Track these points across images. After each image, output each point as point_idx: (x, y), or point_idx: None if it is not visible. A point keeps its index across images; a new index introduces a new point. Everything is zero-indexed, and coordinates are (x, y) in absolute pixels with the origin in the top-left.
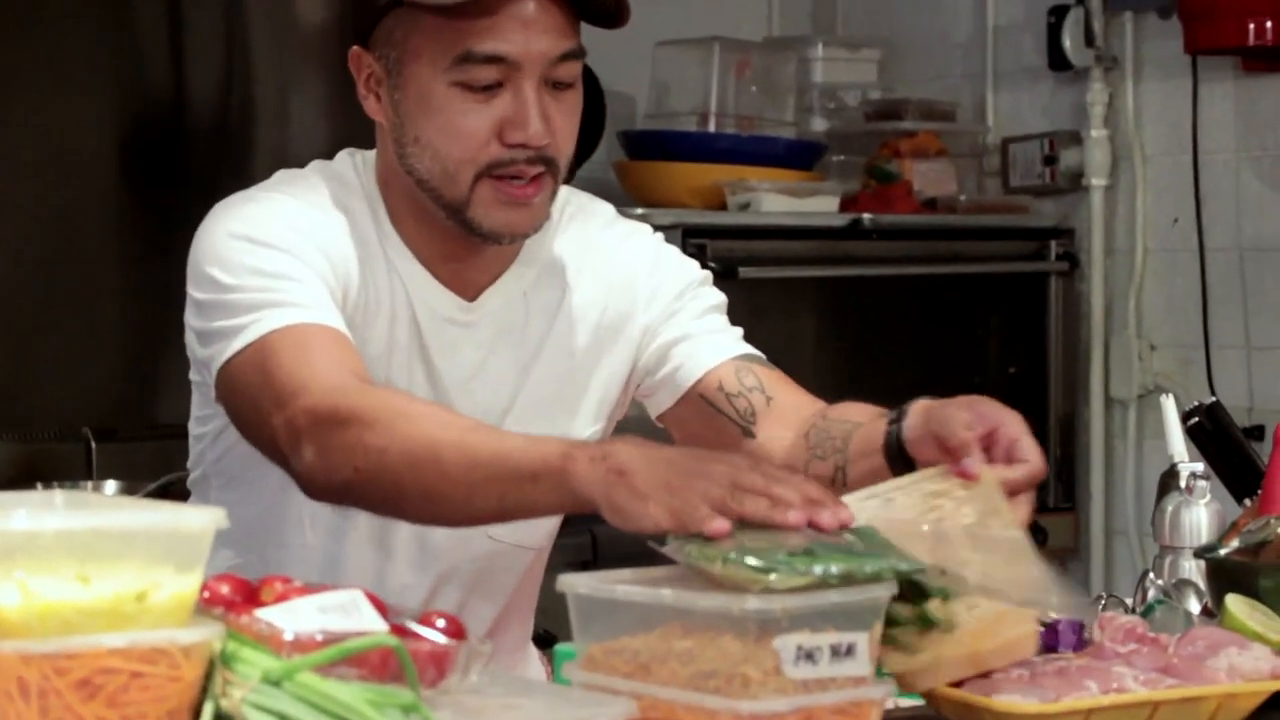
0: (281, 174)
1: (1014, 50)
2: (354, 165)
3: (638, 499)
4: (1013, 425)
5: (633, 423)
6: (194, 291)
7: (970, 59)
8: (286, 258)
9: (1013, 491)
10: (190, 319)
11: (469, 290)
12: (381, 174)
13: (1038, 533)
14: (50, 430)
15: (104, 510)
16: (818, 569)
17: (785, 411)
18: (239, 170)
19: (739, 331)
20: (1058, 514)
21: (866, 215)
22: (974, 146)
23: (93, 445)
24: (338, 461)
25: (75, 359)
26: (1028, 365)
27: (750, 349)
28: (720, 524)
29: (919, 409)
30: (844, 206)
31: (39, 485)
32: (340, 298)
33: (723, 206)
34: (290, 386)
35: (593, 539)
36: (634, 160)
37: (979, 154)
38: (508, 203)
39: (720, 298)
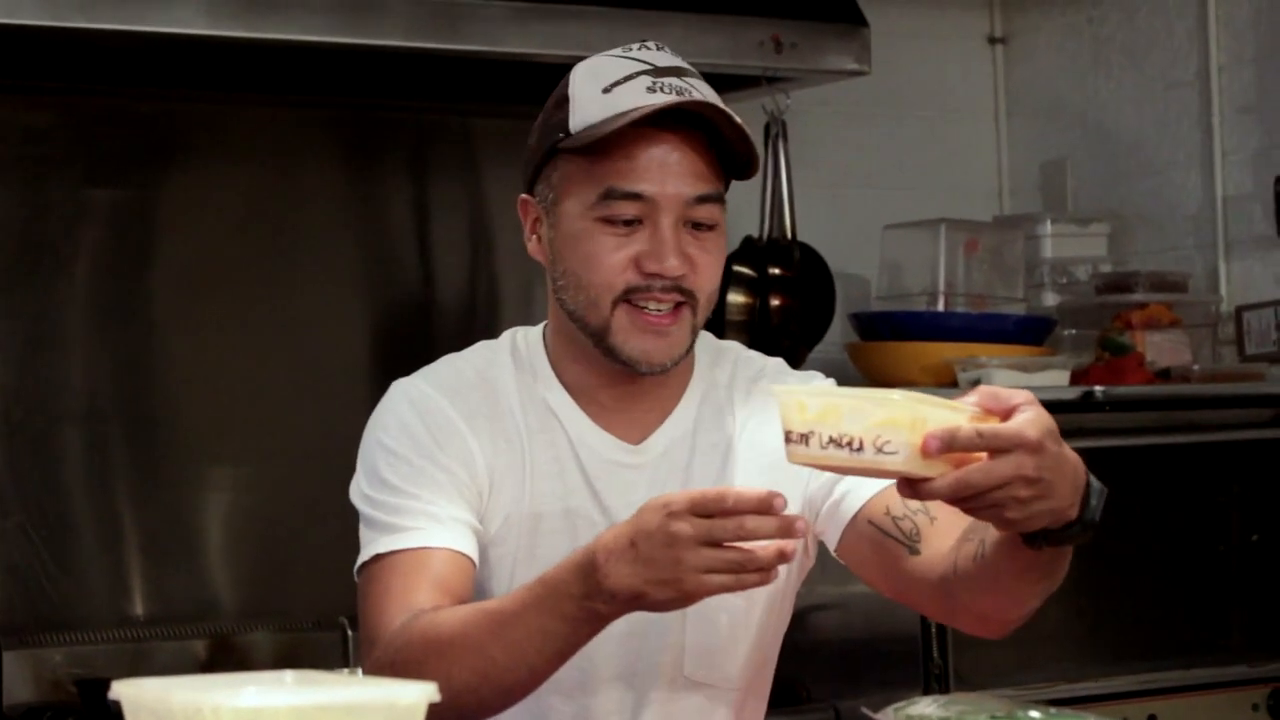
0: (443, 360)
1: (1244, 219)
2: (512, 340)
3: (662, 605)
4: None
5: None
6: (356, 481)
7: (1200, 230)
8: (419, 474)
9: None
10: (354, 498)
11: (636, 433)
12: (551, 328)
13: None
14: (308, 620)
15: (326, 686)
16: None
17: (946, 526)
18: None
19: None
20: None
21: (1099, 388)
22: (1207, 316)
23: (349, 633)
24: None
25: (333, 550)
26: (1270, 532)
27: None
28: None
29: None
30: (1075, 380)
31: None
32: (479, 484)
33: (953, 384)
34: (369, 635)
35: (836, 714)
36: (866, 341)
37: (1212, 323)
38: (644, 330)
39: None
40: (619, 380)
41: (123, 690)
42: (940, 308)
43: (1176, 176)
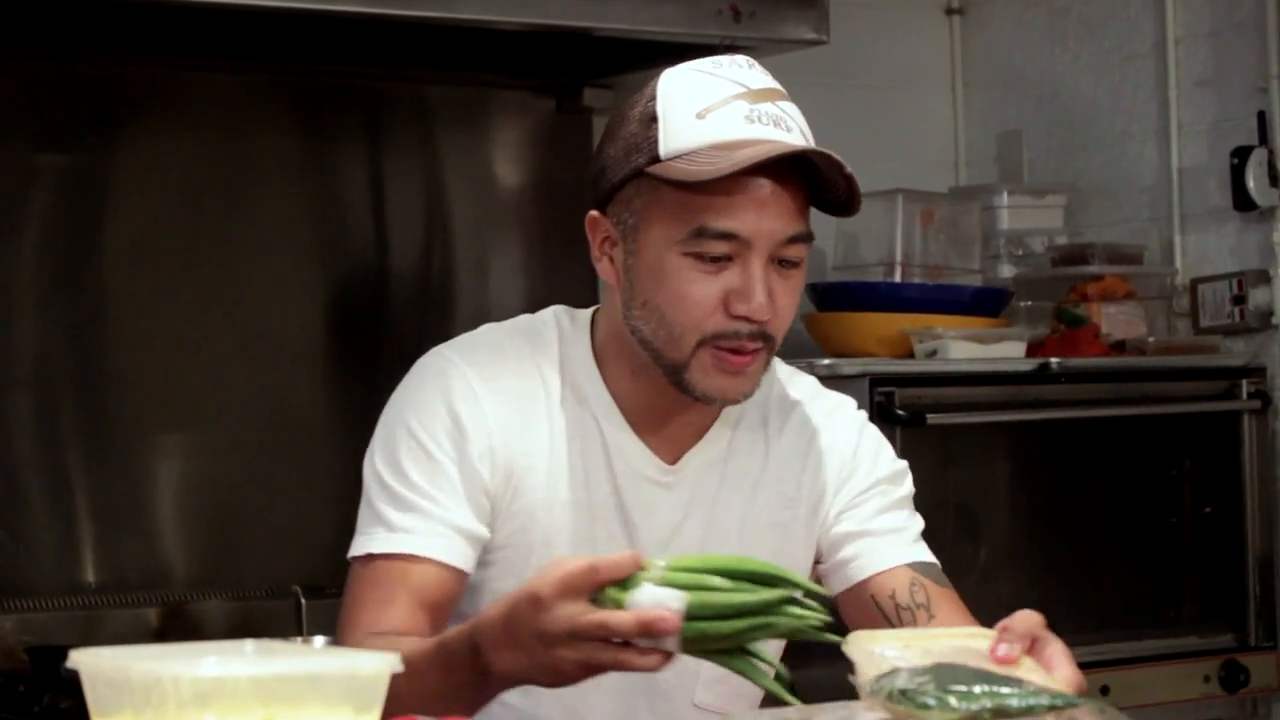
0: (485, 332)
1: (1199, 192)
2: (559, 326)
3: (554, 685)
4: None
5: None
6: (371, 450)
7: (1156, 202)
8: (438, 472)
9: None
10: (365, 467)
11: (671, 451)
12: (604, 332)
13: (1239, 672)
14: (262, 588)
15: (287, 656)
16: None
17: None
18: (439, 331)
19: (919, 527)
20: (1259, 653)
21: (1054, 359)
22: (1162, 288)
23: (302, 602)
24: None
25: (285, 519)
26: (1223, 504)
27: (924, 555)
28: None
29: None
30: (1031, 351)
31: None
32: (497, 485)
33: (910, 355)
34: (341, 631)
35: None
36: (822, 312)
37: (1167, 295)
38: (724, 370)
39: (908, 490)
40: (668, 397)
41: (81, 659)
42: (896, 279)
43: (1132, 149)
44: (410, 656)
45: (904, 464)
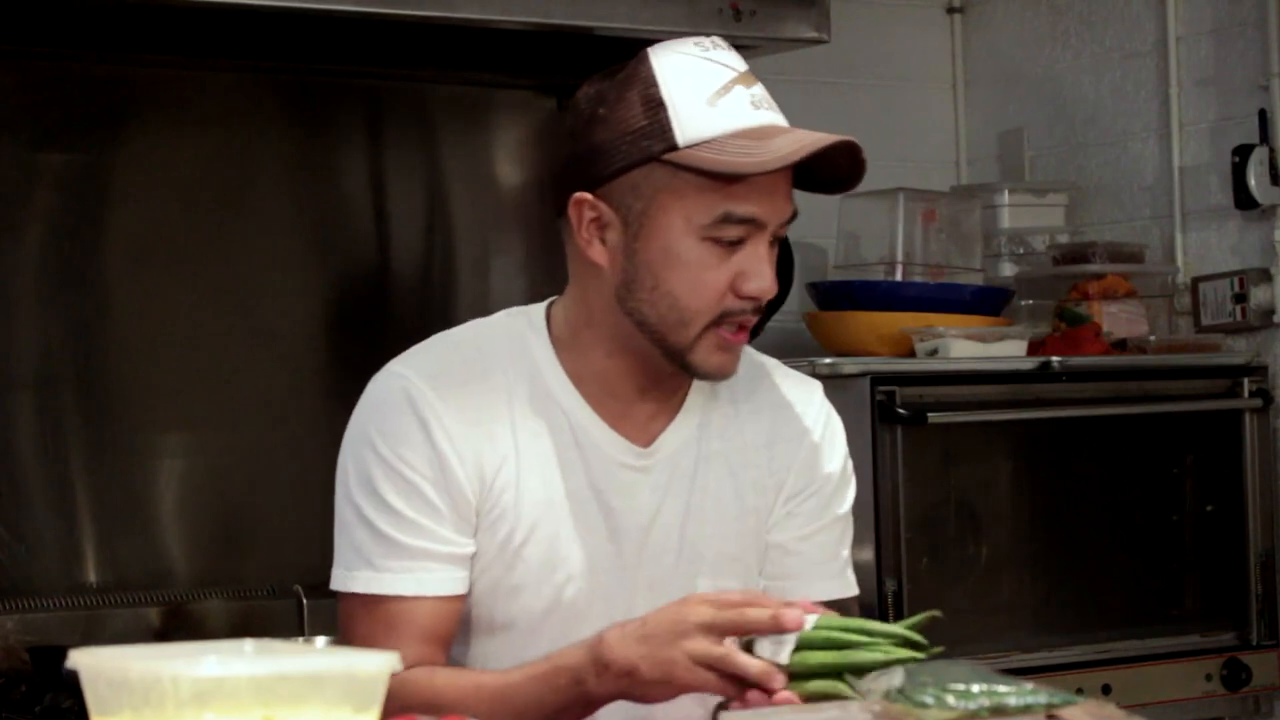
0: (437, 342)
1: (1200, 190)
2: (513, 327)
3: (648, 687)
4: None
5: None
6: (344, 475)
7: (1157, 200)
8: (418, 497)
9: None
10: (339, 492)
11: (643, 434)
12: (568, 320)
13: (1241, 671)
14: (264, 588)
15: (287, 656)
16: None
17: None
18: (440, 330)
19: (848, 548)
20: (1260, 652)
21: (1055, 358)
22: (1163, 287)
23: (304, 601)
24: None
25: (287, 519)
26: (1224, 502)
27: (847, 589)
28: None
29: None
30: (1032, 350)
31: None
32: (477, 495)
33: (911, 354)
34: None
35: None
36: (824, 311)
37: (1169, 294)
38: (725, 348)
39: (848, 506)
40: (635, 380)
41: (80, 659)
42: (898, 277)
43: (1134, 147)
44: (502, 681)
45: (851, 472)
